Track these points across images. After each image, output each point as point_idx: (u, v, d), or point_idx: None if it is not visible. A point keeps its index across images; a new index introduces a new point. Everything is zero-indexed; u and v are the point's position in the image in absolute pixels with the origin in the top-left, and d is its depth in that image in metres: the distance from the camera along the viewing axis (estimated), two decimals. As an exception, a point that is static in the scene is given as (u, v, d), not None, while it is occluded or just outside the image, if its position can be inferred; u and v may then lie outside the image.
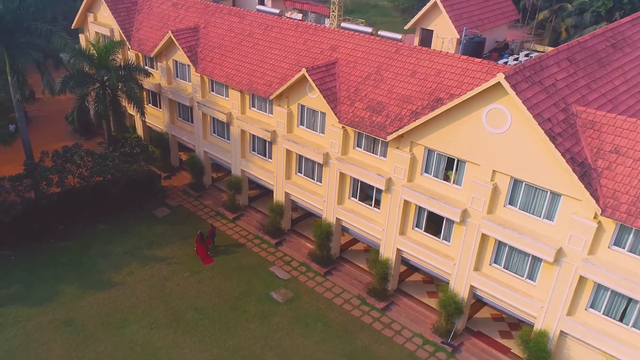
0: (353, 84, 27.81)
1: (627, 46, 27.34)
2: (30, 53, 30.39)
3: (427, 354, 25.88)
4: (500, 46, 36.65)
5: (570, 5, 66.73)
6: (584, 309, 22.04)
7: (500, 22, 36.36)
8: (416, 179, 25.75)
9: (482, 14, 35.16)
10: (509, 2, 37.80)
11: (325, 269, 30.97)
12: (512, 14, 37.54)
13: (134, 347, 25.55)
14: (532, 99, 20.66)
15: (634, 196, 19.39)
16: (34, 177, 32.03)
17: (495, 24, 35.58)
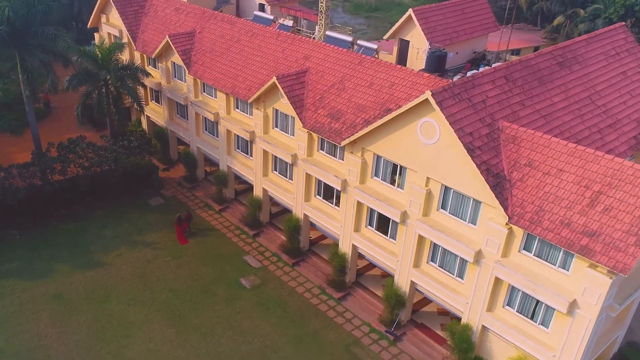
0: (319, 92, 30.68)
1: (576, 64, 29.28)
2: (37, 54, 34.32)
3: (371, 341, 28.73)
4: (478, 57, 38.72)
5: (583, 11, 67.44)
6: (501, 306, 24.49)
7: (478, 33, 38.39)
8: (367, 182, 28.51)
9: (458, 26, 37.30)
10: (489, 14, 39.73)
11: (294, 260, 34.06)
12: (492, 26, 39.49)
13: (111, 320, 29.24)
14: (456, 115, 23.14)
15: (538, 206, 21.76)
16: (39, 166, 36.10)
17: (471, 36, 37.66)
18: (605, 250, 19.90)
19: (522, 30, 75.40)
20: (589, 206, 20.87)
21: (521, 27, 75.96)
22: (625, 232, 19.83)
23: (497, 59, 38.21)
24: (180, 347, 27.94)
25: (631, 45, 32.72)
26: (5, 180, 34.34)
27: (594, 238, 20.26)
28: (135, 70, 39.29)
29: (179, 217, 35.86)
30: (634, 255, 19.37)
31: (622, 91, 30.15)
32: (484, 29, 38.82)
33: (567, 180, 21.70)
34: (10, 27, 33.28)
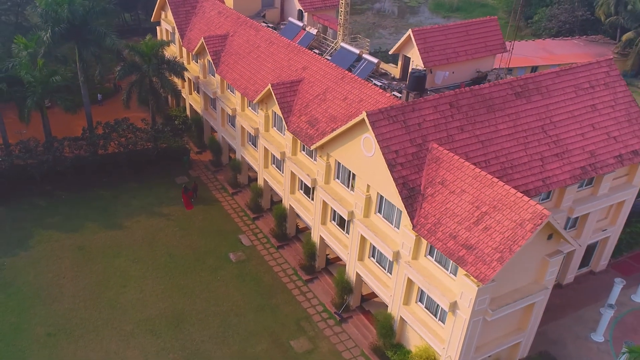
0: (306, 100, 36.62)
1: (537, 95, 32.81)
2: (90, 48, 43.06)
3: (320, 319, 34.62)
4: (481, 76, 42.30)
5: (654, 28, 67.14)
6: (415, 302, 29.41)
7: (482, 54, 41.74)
8: (331, 182, 34.18)
9: (459, 47, 40.95)
10: (497, 36, 42.83)
11: (279, 243, 40.46)
12: (498, 47, 42.68)
13: (115, 272, 37.34)
14: (386, 134, 28.22)
15: (437, 219, 26.49)
16: (86, 140, 45.12)
17: (473, 56, 41.24)
18: (475, 261, 24.43)
19: (596, 42, 75.86)
20: (474, 224, 25.36)
21: (596, 40, 76.28)
22: (494, 248, 24.23)
23: (497, 78, 41.56)
24: (163, 300, 35.44)
25: (612, 80, 35.33)
26: (57, 151, 43.53)
27: (470, 251, 24.81)
28: (174, 65, 47.21)
29: (184, 186, 44.10)
30: (494, 268, 23.78)
31: (584, 123, 33.22)
32: (489, 50, 42.16)
33: (465, 200, 26.22)
34: (69, 25, 42.11)
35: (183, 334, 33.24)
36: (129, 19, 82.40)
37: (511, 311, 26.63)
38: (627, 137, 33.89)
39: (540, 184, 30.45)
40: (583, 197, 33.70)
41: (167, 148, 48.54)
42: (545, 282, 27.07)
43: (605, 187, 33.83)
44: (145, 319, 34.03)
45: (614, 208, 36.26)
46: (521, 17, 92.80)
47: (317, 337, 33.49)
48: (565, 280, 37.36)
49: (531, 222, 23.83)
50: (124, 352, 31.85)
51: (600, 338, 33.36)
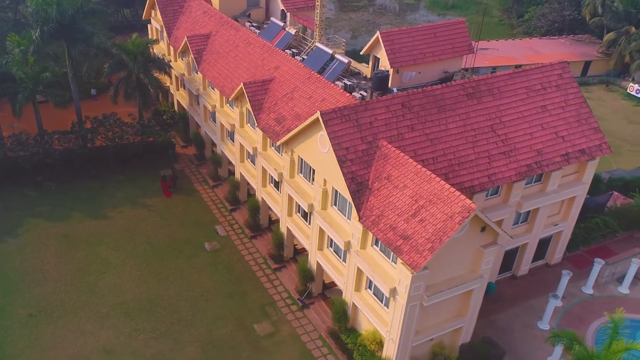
0: (275, 99, 38.93)
1: (489, 96, 34.88)
2: (78, 46, 45.61)
3: (284, 305, 37.05)
4: (448, 76, 44.28)
5: (635, 28, 68.58)
6: (365, 288, 31.74)
7: (450, 55, 43.64)
8: (295, 177, 36.52)
9: (427, 49, 42.87)
10: (465, 38, 44.75)
11: (252, 234, 42.90)
12: (465, 49, 44.58)
13: (96, 259, 39.99)
14: (338, 132, 30.46)
15: (381, 211, 28.75)
16: (75, 134, 47.75)
17: (440, 58, 43.23)
18: (409, 251, 26.69)
19: (582, 42, 77.38)
20: (412, 216, 27.60)
21: (583, 39, 77.74)
22: (427, 239, 26.46)
23: (463, 78, 43.56)
24: (139, 285, 38.04)
25: (564, 82, 37.27)
26: (47, 144, 46.21)
27: (406, 241, 27.06)
28: (160, 63, 49.68)
29: (163, 176, 47.04)
30: (425, 257, 26.02)
31: (534, 123, 35.26)
32: (456, 51, 44.05)
33: (406, 194, 28.45)
34: (58, 24, 44.67)
35: (155, 316, 35.82)
36: (128, 15, 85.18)
37: (448, 298, 28.86)
38: (575, 136, 35.88)
39: (486, 180, 32.58)
40: (532, 193, 35.77)
41: (154, 142, 51.09)
42: (481, 272, 29.26)
43: (554, 183, 35.87)
44: (121, 303, 36.64)
45: (565, 204, 38.26)
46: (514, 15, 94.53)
47: (279, 322, 35.93)
48: (520, 272, 39.50)
49: (460, 215, 26.03)
50: (99, 332, 34.49)
51: (546, 326, 35.49)
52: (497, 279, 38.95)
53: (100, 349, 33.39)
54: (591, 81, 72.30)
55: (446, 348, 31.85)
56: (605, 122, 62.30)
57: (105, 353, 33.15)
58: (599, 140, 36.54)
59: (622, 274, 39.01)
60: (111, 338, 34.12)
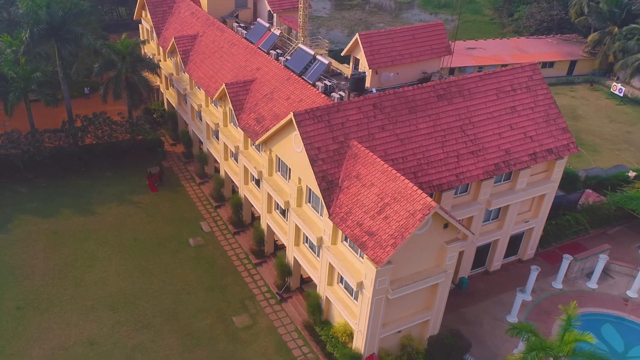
0: (256, 99, 40.16)
1: (459, 97, 36.06)
2: (67, 47, 46.88)
3: (263, 298, 38.38)
4: (426, 77, 45.44)
5: (617, 29, 69.57)
6: (337, 282, 33.03)
7: (428, 56, 44.71)
8: (274, 175, 37.78)
9: (405, 50, 43.97)
10: (443, 40, 45.84)
11: (236, 230, 44.21)
12: (443, 50, 45.67)
13: (83, 254, 41.33)
14: (310, 132, 31.69)
15: (349, 209, 30.00)
16: (65, 132, 49.08)
17: (419, 59, 44.35)
18: (374, 246, 27.95)
19: (569, 41, 78.35)
20: (377, 213, 28.84)
21: (570, 39, 78.69)
22: (390, 235, 27.71)
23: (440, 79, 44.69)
24: (124, 279, 39.38)
25: (534, 83, 38.40)
26: (37, 142, 47.54)
27: (371, 237, 28.32)
28: (148, 63, 50.95)
29: (149, 171, 48.27)
30: (388, 252, 27.28)
31: (503, 124, 36.44)
32: (435, 52, 45.14)
33: (373, 192, 29.69)
34: (49, 26, 45.96)
35: (138, 309, 37.16)
36: (123, 13, 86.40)
37: (413, 291, 30.12)
38: (543, 136, 37.07)
39: (454, 179, 33.82)
40: (501, 191, 37.00)
41: (143, 140, 52.42)
42: (445, 266, 30.51)
43: (523, 182, 37.09)
44: (106, 296, 37.99)
45: (535, 201, 39.48)
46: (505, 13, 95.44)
47: (257, 315, 37.26)
48: (492, 268, 40.76)
49: (421, 212, 27.28)
50: (83, 324, 35.84)
51: (514, 319, 36.74)
52: (470, 274, 40.26)
53: (84, 340, 34.74)
54: (576, 80, 73.39)
55: (414, 340, 33.15)
56: (587, 121, 63.63)
57: (88, 344, 34.50)
58: (567, 140, 37.73)
59: (592, 269, 40.23)
60: (95, 330, 35.48)
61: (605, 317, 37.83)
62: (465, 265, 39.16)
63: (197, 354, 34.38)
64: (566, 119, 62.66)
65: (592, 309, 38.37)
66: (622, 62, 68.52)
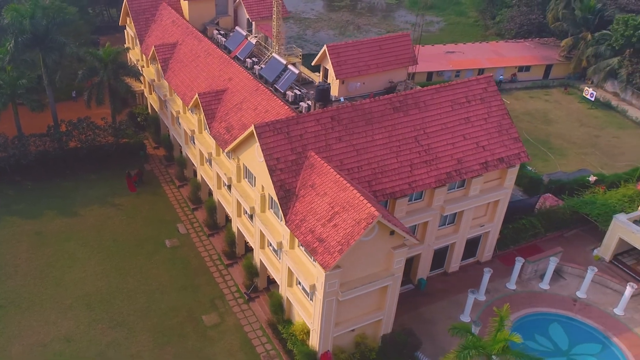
0: (227, 109, 42.24)
1: (415, 109, 38.07)
2: (51, 55, 48.96)
3: (232, 298, 40.65)
4: (392, 86, 47.45)
5: (590, 35, 71.38)
6: (295, 284, 35.24)
7: (394, 66, 46.68)
8: (242, 181, 39.93)
9: (371, 61, 45.92)
10: (407, 50, 47.76)
11: (210, 232, 46.43)
12: (409, 60, 47.63)
13: (64, 254, 43.59)
14: (270, 144, 33.80)
15: (303, 216, 32.16)
16: (50, 136, 51.24)
17: (385, 69, 46.31)
18: (323, 252, 30.11)
19: (547, 45, 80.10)
20: (328, 221, 30.98)
21: (548, 43, 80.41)
22: (338, 242, 29.86)
23: (406, 88, 46.71)
24: (101, 279, 41.66)
25: (489, 94, 40.39)
26: (23, 146, 49.71)
27: (321, 243, 30.47)
28: (130, 70, 53.04)
29: (128, 172, 50.67)
30: (335, 258, 29.43)
31: (457, 134, 38.49)
32: (400, 63, 47.15)
33: (325, 201, 31.83)
34: (33, 35, 48.05)
35: (113, 308, 39.44)
36: (115, 15, 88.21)
37: (363, 293, 32.30)
38: (495, 146, 39.13)
39: (407, 187, 35.93)
40: (455, 198, 39.12)
41: (126, 143, 54.62)
42: (393, 270, 32.67)
43: (476, 189, 39.20)
44: (84, 295, 40.27)
45: (490, 207, 41.60)
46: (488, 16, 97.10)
47: (226, 313, 39.53)
48: (451, 269, 42.97)
49: (365, 221, 29.42)
50: (62, 322, 38.14)
51: (467, 318, 38.93)
52: (429, 275, 42.48)
53: (61, 337, 37.05)
54: (552, 84, 75.21)
55: (368, 338, 35.37)
56: (558, 125, 65.60)
57: (65, 341, 36.81)
58: (518, 149, 39.79)
59: (545, 271, 42.36)
60: (72, 327, 37.77)
61: (553, 317, 40.02)
62: (424, 267, 41.36)
63: (166, 350, 36.66)
64: (538, 123, 65.21)
65: (542, 309, 40.59)
66: (594, 67, 70.39)
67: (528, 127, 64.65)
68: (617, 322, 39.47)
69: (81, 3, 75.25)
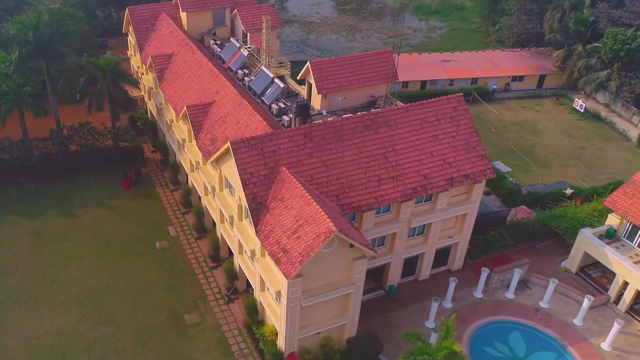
0: (212, 121, 45.39)
1: (385, 127, 40.79)
2: (54, 64, 52.54)
3: (213, 299, 43.93)
4: (373, 100, 50.15)
5: (581, 47, 73.27)
6: (266, 289, 38.36)
7: (375, 82, 49.21)
8: (224, 190, 43.11)
9: (353, 76, 48.54)
10: (388, 66, 50.23)
11: (198, 235, 49.76)
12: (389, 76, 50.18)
13: (60, 253, 47.22)
14: (245, 159, 36.84)
15: (272, 227, 35.20)
16: (52, 140, 54.94)
17: (366, 84, 48.99)
18: (286, 262, 33.15)
19: (543, 55, 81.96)
20: (293, 233, 33.99)
21: (545, 52, 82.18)
22: (299, 253, 32.88)
23: (386, 103, 49.44)
24: (94, 278, 45.20)
25: (458, 113, 42.93)
26: (26, 149, 53.46)
27: (285, 254, 33.51)
28: (129, 79, 56.48)
29: (124, 172, 54.22)
30: (295, 268, 32.43)
31: (424, 151, 41.17)
32: (381, 78, 49.84)
33: (291, 214, 34.83)
34: (36, 46, 51.67)
35: (103, 305, 42.94)
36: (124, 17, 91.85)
37: (325, 300, 35.29)
38: (461, 163, 41.76)
39: (373, 201, 38.78)
40: (422, 211, 41.87)
41: (125, 147, 58.16)
42: (354, 279, 35.60)
43: (443, 203, 41.89)
44: (76, 292, 43.82)
45: (459, 219, 44.27)
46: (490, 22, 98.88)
47: (206, 313, 42.82)
48: (421, 277, 45.80)
49: (324, 235, 32.36)
50: (54, 317, 41.73)
51: (431, 324, 41.73)
52: (401, 282, 45.35)
53: (53, 331, 40.62)
54: (544, 94, 77.25)
55: (334, 341, 38.38)
56: (544, 136, 67.76)
57: (56, 335, 40.37)
58: (484, 166, 42.36)
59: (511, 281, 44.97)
60: (63, 322, 41.33)
61: (515, 325, 42.63)
62: (394, 275, 44.25)
63: (148, 346, 40.06)
64: (525, 134, 67.45)
65: (505, 317, 43.23)
66: (585, 79, 72.30)
67: (515, 138, 66.98)
68: (574, 332, 41.98)
69: (90, 7, 79.12)
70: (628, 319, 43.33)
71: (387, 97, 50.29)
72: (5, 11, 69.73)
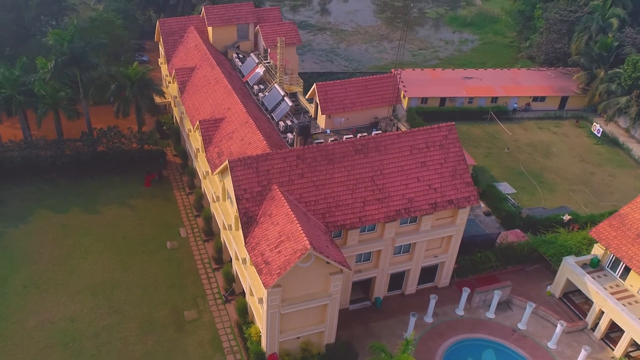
0: (221, 136, 50.48)
1: (375, 152, 44.83)
2: (86, 73, 58.82)
3: (212, 298, 49.14)
4: (376, 121, 54.17)
5: (603, 72, 75.07)
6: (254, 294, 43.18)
7: (379, 104, 53.25)
8: (226, 200, 48.16)
9: (357, 99, 52.69)
10: (392, 90, 53.96)
11: (206, 238, 55.09)
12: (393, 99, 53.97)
13: (80, 247, 53.37)
14: (240, 176, 41.68)
15: (259, 240, 39.96)
16: (82, 142, 61.38)
17: (369, 106, 53.06)
18: (266, 273, 37.84)
19: (568, 75, 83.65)
20: (275, 247, 38.65)
21: (570, 73, 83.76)
22: (278, 266, 37.49)
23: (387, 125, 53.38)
24: (108, 271, 51.11)
25: (448, 142, 46.46)
26: (58, 149, 60.01)
27: (266, 265, 38.22)
28: (154, 88, 62.37)
29: (148, 170, 60.20)
30: (273, 279, 37.06)
31: (411, 176, 45.01)
32: (385, 101, 53.79)
33: (276, 230, 39.47)
34: (71, 56, 58.02)
35: (113, 296, 48.76)
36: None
37: (303, 308, 39.82)
38: (446, 188, 45.42)
39: (357, 221, 43.01)
40: (407, 231, 45.81)
41: (149, 150, 64.13)
42: (330, 292, 40.00)
43: (427, 225, 45.73)
44: (91, 284, 49.79)
45: (445, 240, 47.99)
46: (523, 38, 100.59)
47: (204, 311, 48.06)
48: (407, 291, 49.76)
49: (300, 252, 36.88)
50: (70, 304, 47.77)
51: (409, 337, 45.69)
52: (387, 295, 49.44)
53: (68, 317, 46.64)
54: (565, 115, 79.21)
55: (313, 345, 42.90)
56: (557, 159, 70.12)
57: (70, 321, 46.37)
58: (469, 193, 45.90)
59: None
60: (77, 310, 47.31)
61: (490, 344, 46.15)
62: (380, 288, 48.39)
63: (149, 337, 45.57)
64: (537, 156, 70.10)
65: (482, 335, 46.79)
66: (605, 104, 74.09)
67: (526, 159, 69.62)
68: (546, 354, 45.20)
69: (130, 12, 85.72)
70: (603, 346, 46.14)
71: (390, 119, 54.25)
72: (50, 16, 76.87)
